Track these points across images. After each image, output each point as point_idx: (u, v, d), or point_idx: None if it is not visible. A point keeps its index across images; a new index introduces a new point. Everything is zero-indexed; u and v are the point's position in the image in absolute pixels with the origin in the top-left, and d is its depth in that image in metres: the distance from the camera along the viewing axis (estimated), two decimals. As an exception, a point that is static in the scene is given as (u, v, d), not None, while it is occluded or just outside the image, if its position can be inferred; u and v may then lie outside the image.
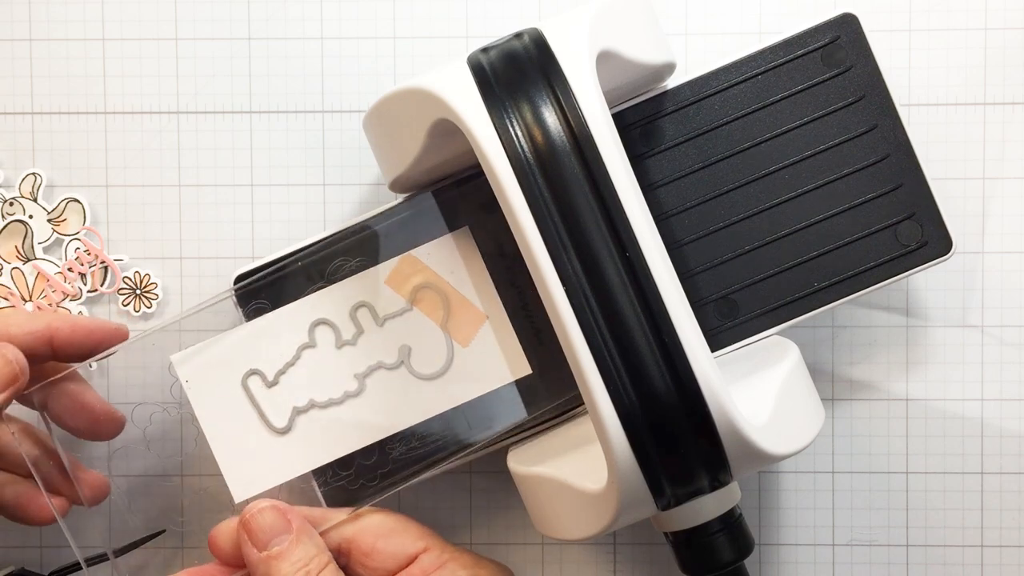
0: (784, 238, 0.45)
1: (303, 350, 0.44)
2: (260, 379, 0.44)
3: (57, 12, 0.50)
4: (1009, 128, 0.50)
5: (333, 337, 0.44)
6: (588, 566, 0.50)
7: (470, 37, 0.50)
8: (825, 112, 0.45)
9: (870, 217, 0.45)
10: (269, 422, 0.44)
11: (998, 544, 0.50)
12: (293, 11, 0.50)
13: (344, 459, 0.44)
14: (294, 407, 0.44)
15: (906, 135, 0.44)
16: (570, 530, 0.41)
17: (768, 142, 0.45)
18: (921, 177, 0.44)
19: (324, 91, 0.50)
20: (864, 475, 0.50)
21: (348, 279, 0.45)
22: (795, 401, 0.41)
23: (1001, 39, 0.50)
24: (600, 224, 0.36)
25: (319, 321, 0.44)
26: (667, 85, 0.45)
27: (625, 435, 0.36)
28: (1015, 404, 0.50)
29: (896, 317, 0.50)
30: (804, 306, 0.45)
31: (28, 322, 0.43)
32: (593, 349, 0.36)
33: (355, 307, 0.45)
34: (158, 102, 0.50)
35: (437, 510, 0.50)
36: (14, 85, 0.50)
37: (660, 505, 0.38)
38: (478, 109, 0.37)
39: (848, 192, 0.45)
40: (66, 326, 0.43)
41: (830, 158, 0.45)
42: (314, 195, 0.50)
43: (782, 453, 0.39)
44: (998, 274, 0.50)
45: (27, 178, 0.50)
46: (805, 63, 0.45)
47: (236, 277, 0.45)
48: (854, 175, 0.45)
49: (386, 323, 0.45)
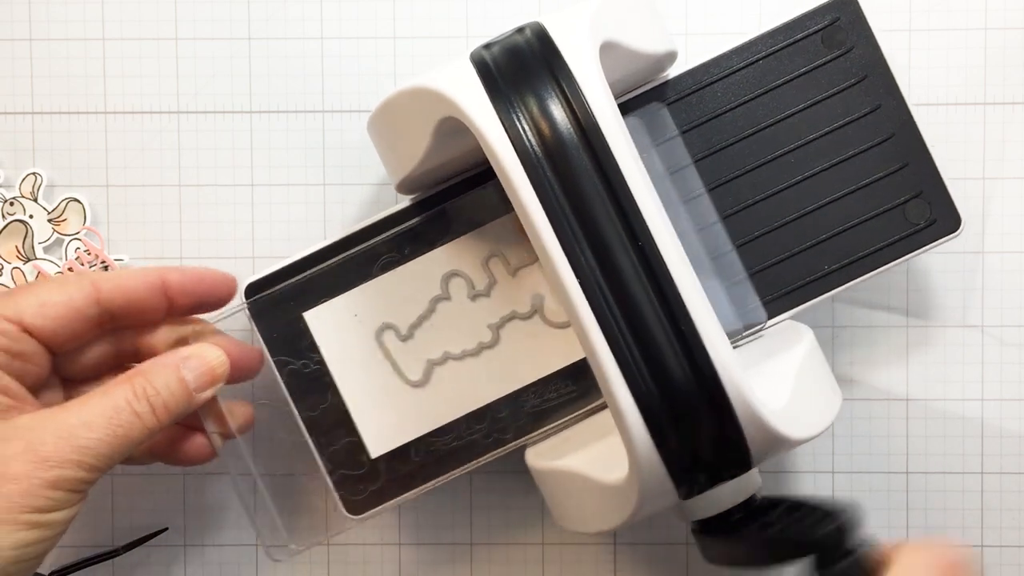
0: (792, 222, 0.45)
1: (437, 302, 0.45)
2: (394, 333, 0.45)
3: (57, 12, 0.50)
4: (1009, 128, 0.50)
5: (466, 288, 0.45)
6: (588, 566, 0.50)
7: (470, 37, 0.50)
8: (828, 94, 0.45)
9: (878, 197, 0.45)
10: (404, 376, 0.45)
11: (998, 544, 0.50)
12: (293, 11, 0.50)
13: (478, 412, 0.45)
14: (429, 360, 0.45)
15: (910, 113, 0.44)
16: (593, 523, 0.41)
17: (772, 127, 0.45)
18: (927, 155, 0.44)
19: (324, 91, 0.50)
20: (864, 475, 0.50)
21: (480, 229, 0.45)
22: (812, 384, 0.41)
23: (1001, 39, 0.50)
24: (611, 215, 0.36)
25: (452, 273, 0.45)
26: (669, 75, 0.45)
27: (644, 424, 0.36)
28: (1015, 404, 0.50)
29: (896, 317, 0.50)
30: (815, 289, 0.45)
31: (143, 274, 0.43)
32: (609, 339, 0.36)
33: (487, 257, 0.45)
34: (158, 102, 0.50)
35: (437, 510, 0.50)
36: (14, 85, 0.50)
37: (681, 494, 0.38)
38: (484, 105, 0.37)
39: (854, 173, 0.45)
40: (177, 274, 0.43)
41: (835, 140, 0.45)
42: (314, 195, 0.50)
43: (802, 437, 0.39)
44: (998, 274, 0.50)
45: (27, 178, 0.50)
46: (806, 46, 0.45)
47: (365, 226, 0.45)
48: (860, 156, 0.45)
49: (518, 272, 0.45)
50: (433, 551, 0.50)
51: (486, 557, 0.50)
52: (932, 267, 0.50)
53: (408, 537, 0.50)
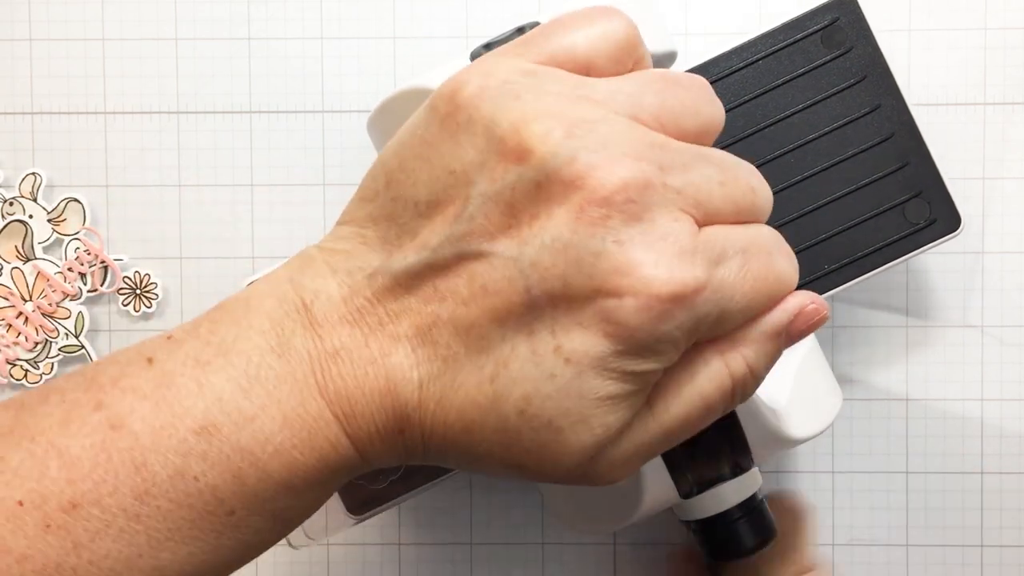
0: (792, 222, 0.45)
1: None
2: None
3: (57, 12, 0.50)
4: (1009, 128, 0.50)
5: None
6: (588, 566, 0.50)
7: (470, 37, 0.50)
8: (828, 94, 0.45)
9: (877, 197, 0.45)
10: None
11: (998, 544, 0.50)
12: (293, 11, 0.50)
13: None
14: None
15: (910, 114, 0.44)
16: (596, 524, 0.41)
17: (772, 127, 0.45)
18: (927, 155, 0.44)
19: (324, 91, 0.50)
20: (864, 475, 0.50)
21: None
22: (813, 384, 0.41)
23: (1001, 39, 0.50)
24: None
25: None
26: None
27: None
28: (1015, 404, 0.50)
29: (896, 317, 0.50)
30: (815, 289, 0.45)
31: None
32: None
33: None
34: (158, 102, 0.50)
35: (437, 510, 0.50)
36: (14, 85, 0.50)
37: (682, 493, 0.38)
38: None
39: (854, 173, 0.45)
40: None
41: (835, 140, 0.45)
42: (314, 195, 0.50)
43: (802, 436, 0.39)
44: (998, 274, 0.50)
45: (27, 178, 0.50)
46: (805, 46, 0.45)
47: None
48: (859, 156, 0.45)
49: None
50: (433, 551, 0.50)
51: (486, 557, 0.50)
52: (932, 267, 0.50)
53: (408, 537, 0.50)
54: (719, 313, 0.29)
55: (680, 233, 0.28)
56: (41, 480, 0.28)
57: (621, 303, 0.27)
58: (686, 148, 0.29)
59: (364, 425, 0.29)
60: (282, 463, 0.29)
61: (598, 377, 0.28)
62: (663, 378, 0.30)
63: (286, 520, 0.30)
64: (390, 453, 0.30)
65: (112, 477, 0.28)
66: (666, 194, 0.28)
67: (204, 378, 0.29)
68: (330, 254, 0.31)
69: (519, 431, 0.29)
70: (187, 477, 0.28)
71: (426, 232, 0.29)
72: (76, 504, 0.28)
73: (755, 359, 0.30)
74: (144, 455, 0.28)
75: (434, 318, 0.29)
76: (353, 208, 0.32)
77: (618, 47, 0.31)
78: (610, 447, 0.29)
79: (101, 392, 0.29)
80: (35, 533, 0.28)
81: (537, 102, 0.29)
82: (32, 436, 0.29)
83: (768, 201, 0.31)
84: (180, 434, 0.28)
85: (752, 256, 0.29)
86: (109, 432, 0.28)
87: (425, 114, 0.30)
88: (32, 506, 0.28)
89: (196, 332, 0.30)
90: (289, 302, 0.30)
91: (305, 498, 0.30)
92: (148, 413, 0.28)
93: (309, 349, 0.29)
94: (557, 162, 0.28)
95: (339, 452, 0.30)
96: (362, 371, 0.29)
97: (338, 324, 0.29)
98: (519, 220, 0.28)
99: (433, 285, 0.29)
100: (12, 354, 0.50)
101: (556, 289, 0.28)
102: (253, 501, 0.29)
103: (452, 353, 0.29)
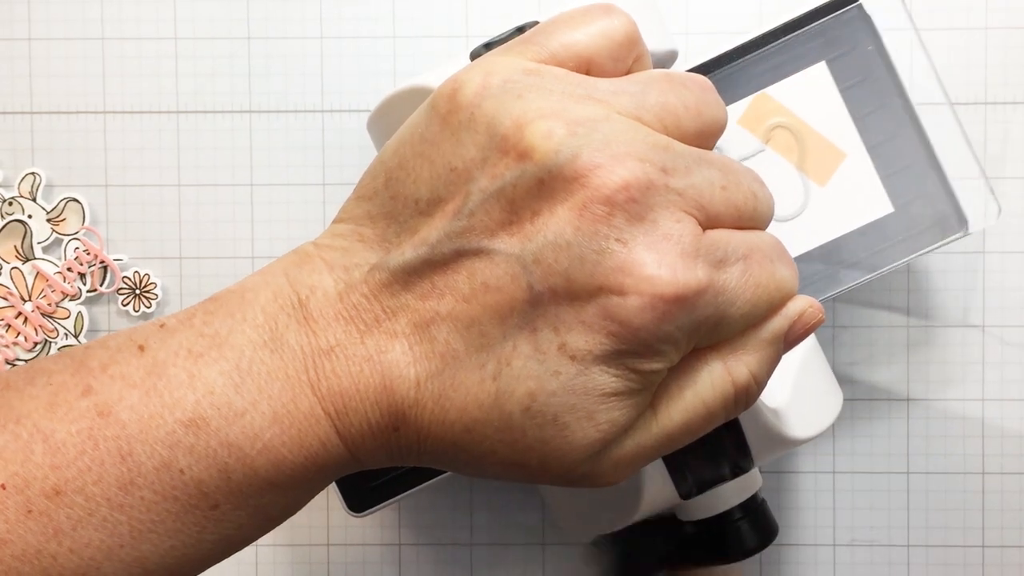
0: None
1: None
2: None
3: (57, 12, 0.50)
4: (1010, 128, 0.50)
5: None
6: (588, 566, 0.50)
7: (470, 36, 0.50)
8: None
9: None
10: None
11: (999, 544, 0.50)
12: (293, 11, 0.50)
13: None
14: None
15: (915, 113, 0.44)
16: (596, 525, 0.41)
17: None
18: (932, 155, 0.44)
19: (324, 91, 0.50)
20: (865, 475, 0.50)
21: None
22: (813, 384, 0.41)
23: (1002, 38, 0.50)
24: None
25: None
26: None
27: None
28: (1016, 404, 0.50)
29: (896, 317, 0.50)
30: (820, 289, 0.45)
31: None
32: None
33: None
34: (158, 102, 0.50)
35: (437, 510, 0.50)
36: (13, 85, 0.50)
37: (682, 493, 0.38)
38: None
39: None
40: None
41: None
42: (314, 195, 0.50)
43: (803, 437, 0.39)
44: (998, 274, 0.50)
45: (26, 178, 0.50)
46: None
47: None
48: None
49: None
50: (433, 551, 0.50)
51: (486, 557, 0.50)
52: (932, 267, 0.50)
53: (408, 537, 0.50)
54: (720, 317, 0.29)
55: (683, 234, 0.28)
56: (25, 464, 0.28)
57: (624, 301, 0.27)
58: (689, 151, 0.29)
59: (356, 423, 0.29)
60: (269, 460, 0.29)
61: (603, 374, 0.28)
62: (667, 382, 0.30)
63: (270, 516, 0.30)
64: (382, 452, 0.30)
65: (97, 465, 0.28)
66: (668, 195, 0.28)
67: (196, 370, 0.29)
68: (327, 251, 0.30)
69: (523, 428, 0.29)
70: (173, 469, 0.28)
71: (425, 229, 0.29)
72: (59, 491, 0.28)
73: (757, 366, 0.30)
74: (131, 445, 0.28)
75: (432, 315, 0.29)
76: (351, 206, 0.32)
77: (618, 44, 0.31)
78: (613, 446, 0.29)
79: (90, 376, 0.29)
80: (16, 518, 0.28)
81: (539, 101, 0.29)
82: (17, 418, 0.28)
83: (770, 208, 0.31)
84: (168, 426, 0.28)
85: (754, 262, 0.29)
86: (96, 419, 0.28)
87: (426, 113, 0.30)
88: (15, 490, 0.28)
89: (190, 322, 0.30)
90: (284, 297, 0.30)
91: (291, 495, 0.30)
92: (137, 402, 0.28)
93: (303, 345, 0.29)
94: (560, 160, 0.28)
95: (328, 450, 0.29)
96: (357, 368, 0.29)
97: (333, 320, 0.29)
98: (520, 217, 0.28)
99: (431, 282, 0.29)
100: (11, 354, 0.50)
101: (559, 286, 0.28)
102: (238, 496, 0.29)
103: (451, 350, 0.29)
